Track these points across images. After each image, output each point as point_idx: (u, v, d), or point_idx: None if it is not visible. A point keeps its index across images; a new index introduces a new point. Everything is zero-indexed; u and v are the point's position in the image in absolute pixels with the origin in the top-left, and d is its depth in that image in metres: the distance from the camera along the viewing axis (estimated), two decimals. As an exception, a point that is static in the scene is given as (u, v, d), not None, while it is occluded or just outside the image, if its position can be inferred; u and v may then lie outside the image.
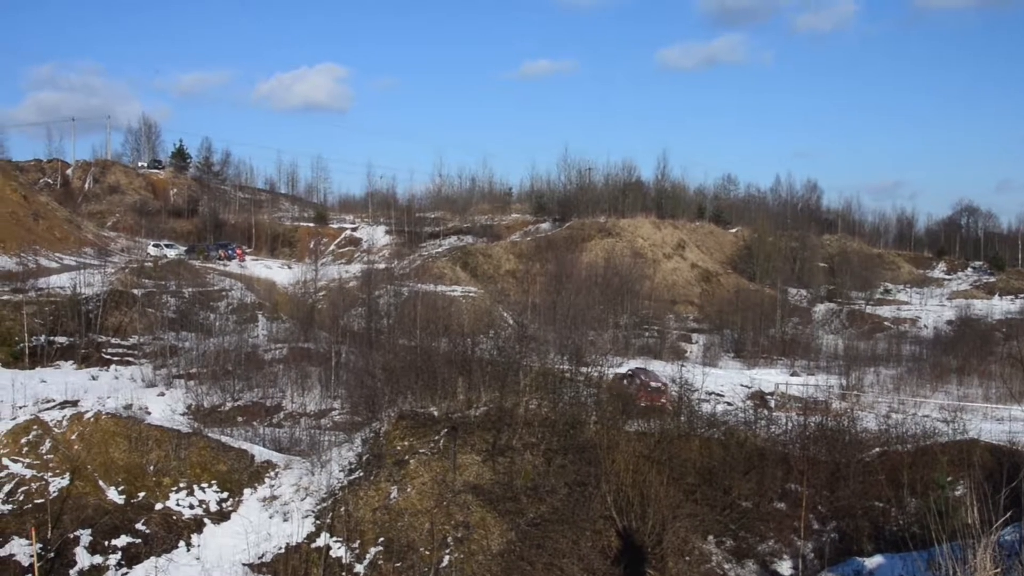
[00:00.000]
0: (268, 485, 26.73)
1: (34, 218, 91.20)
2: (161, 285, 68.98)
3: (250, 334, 62.61)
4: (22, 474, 25.97)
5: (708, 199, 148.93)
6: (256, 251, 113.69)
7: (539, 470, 24.62)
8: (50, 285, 64.49)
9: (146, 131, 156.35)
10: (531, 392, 27.84)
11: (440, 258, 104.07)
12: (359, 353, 51.78)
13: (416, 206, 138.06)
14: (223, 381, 48.42)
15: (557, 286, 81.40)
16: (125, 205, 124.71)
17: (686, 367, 44.60)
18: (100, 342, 57.73)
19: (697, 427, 28.13)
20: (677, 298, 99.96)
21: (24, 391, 44.20)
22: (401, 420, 26.98)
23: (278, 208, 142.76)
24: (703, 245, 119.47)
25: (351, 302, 71.79)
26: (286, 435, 37.89)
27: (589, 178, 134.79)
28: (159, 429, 28.04)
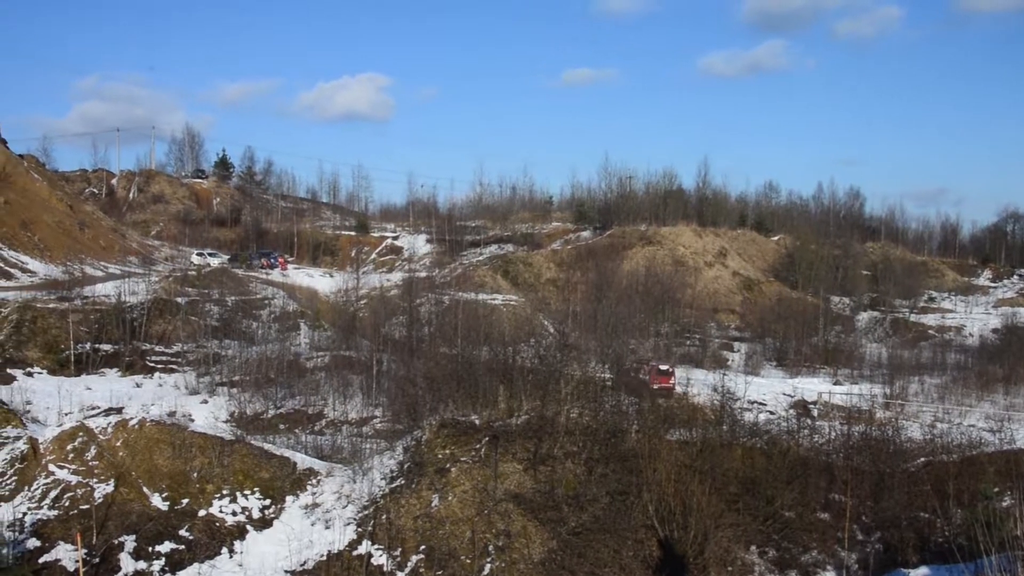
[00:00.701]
0: (310, 492, 26.85)
1: (80, 227, 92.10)
2: (204, 293, 69.41)
3: (292, 342, 62.85)
4: (68, 480, 26.24)
5: (750, 207, 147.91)
6: (298, 260, 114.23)
7: (580, 479, 24.58)
8: (95, 293, 65.06)
9: (189, 141, 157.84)
10: (572, 401, 27.80)
11: (481, 266, 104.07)
12: (400, 361, 51.86)
13: (457, 215, 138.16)
14: (265, 389, 48.60)
15: (598, 294, 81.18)
16: (169, 214, 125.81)
17: (728, 376, 44.39)
18: (144, 350, 58.14)
19: (739, 436, 27.99)
20: (719, 306, 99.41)
21: (70, 398, 44.58)
22: (442, 428, 27.04)
23: (320, 217, 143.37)
24: (745, 253, 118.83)
25: (392, 310, 71.95)
26: (328, 443, 37.96)
27: (630, 186, 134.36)
28: (202, 436, 28.25)
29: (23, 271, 73.67)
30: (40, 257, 78.24)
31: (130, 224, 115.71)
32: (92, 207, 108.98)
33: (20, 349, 53.78)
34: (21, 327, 55.50)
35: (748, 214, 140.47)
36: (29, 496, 25.87)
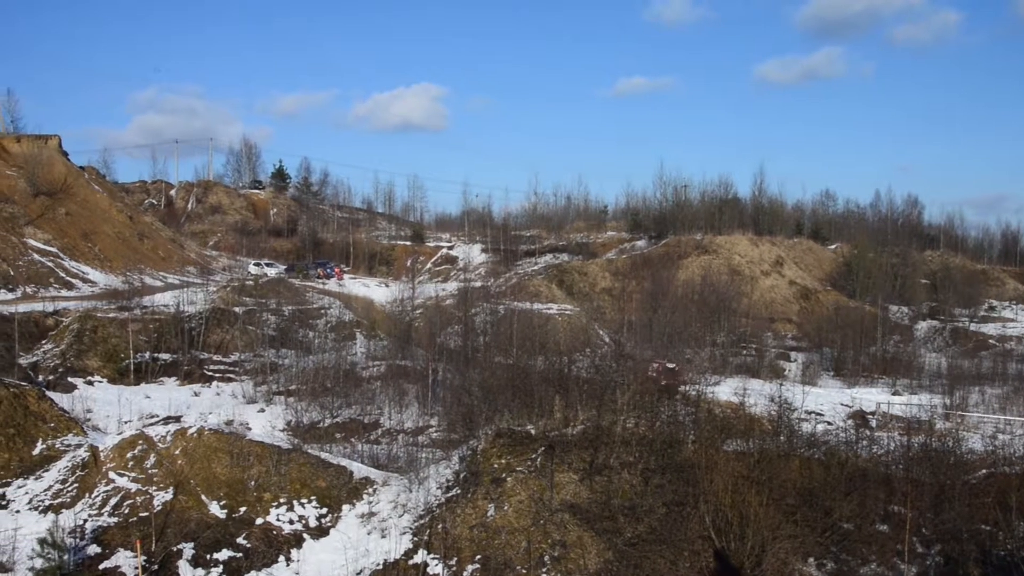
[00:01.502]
0: (366, 501, 26.94)
1: (139, 238, 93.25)
2: (261, 303, 69.94)
3: (348, 351, 63.12)
4: (128, 487, 26.52)
5: (806, 215, 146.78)
6: (354, 269, 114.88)
7: (636, 489, 24.47)
8: (154, 303, 65.82)
9: (247, 152, 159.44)
10: (628, 411, 27.68)
11: (536, 276, 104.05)
12: (456, 371, 51.93)
13: (512, 224, 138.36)
14: (322, 398, 48.79)
15: (653, 304, 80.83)
16: (226, 225, 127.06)
17: (785, 386, 44.01)
18: (202, 359, 58.70)
19: (797, 447, 27.72)
20: (775, 316, 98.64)
21: (129, 406, 45.08)
22: (498, 438, 27.03)
23: (375, 227, 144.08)
24: (801, 262, 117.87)
25: (448, 320, 72.10)
26: (384, 452, 38.08)
27: (685, 195, 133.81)
28: (260, 445, 28.45)
29: (84, 281, 74.69)
30: (101, 267, 79.31)
31: (188, 235, 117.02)
32: (151, 218, 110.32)
33: (81, 358, 54.45)
34: (82, 337, 56.21)
35: (804, 222, 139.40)
36: (90, 503, 26.17)
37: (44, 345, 56.16)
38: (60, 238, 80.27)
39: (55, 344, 55.95)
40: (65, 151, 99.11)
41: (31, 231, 78.05)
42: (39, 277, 71.91)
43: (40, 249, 76.24)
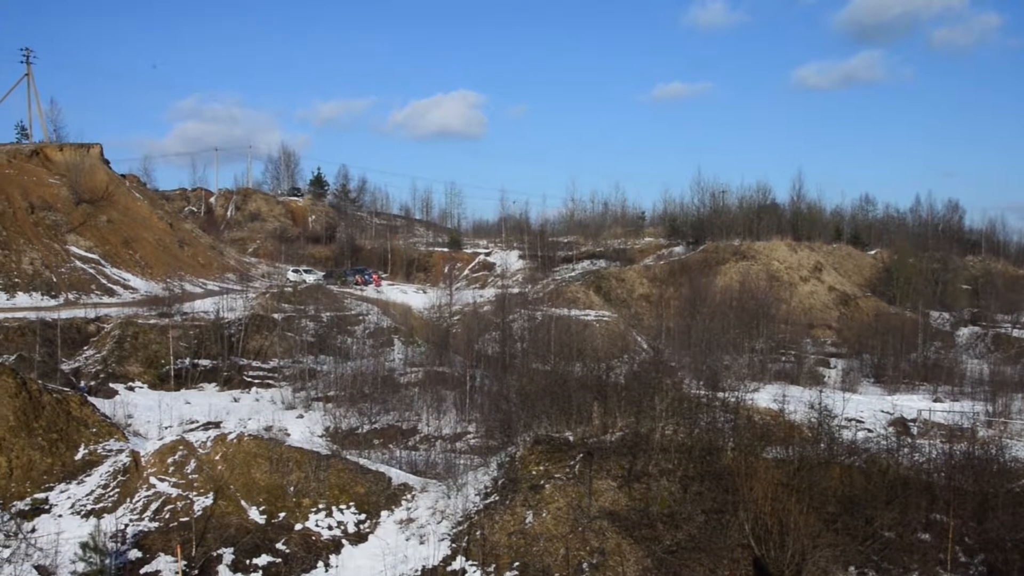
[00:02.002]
0: (405, 507, 26.99)
1: (179, 245, 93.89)
2: (300, 310, 70.23)
3: (386, 358, 63.27)
4: (168, 492, 26.70)
5: (845, 220, 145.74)
6: (392, 276, 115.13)
7: (675, 496, 24.38)
8: (194, 309, 66.25)
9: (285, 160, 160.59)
10: (667, 418, 27.59)
11: (573, 282, 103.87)
12: (494, 377, 51.93)
13: (549, 230, 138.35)
14: (360, 404, 48.94)
15: (691, 310, 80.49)
16: (265, 232, 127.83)
17: (825, 392, 43.71)
18: (242, 365, 59.03)
19: (837, 454, 27.52)
20: (814, 322, 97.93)
21: (170, 412, 45.41)
22: (536, 445, 27.01)
23: (413, 234, 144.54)
24: (841, 268, 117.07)
25: (485, 326, 72.06)
26: (422, 458, 38.13)
27: (723, 200, 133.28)
28: (299, 451, 28.57)
29: (125, 288, 75.31)
30: (141, 274, 79.93)
31: (228, 241, 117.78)
32: (191, 225, 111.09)
33: (122, 364, 54.94)
34: (123, 343, 56.70)
35: (844, 228, 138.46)
36: (131, 508, 26.36)
37: (86, 351, 56.68)
38: (102, 245, 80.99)
39: (97, 350, 56.46)
40: (107, 159, 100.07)
41: (73, 239, 78.82)
42: (81, 284, 72.61)
43: (82, 256, 76.97)
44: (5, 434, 28.71)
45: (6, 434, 28.73)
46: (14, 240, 72.72)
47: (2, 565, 23.41)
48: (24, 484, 27.85)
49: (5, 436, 28.67)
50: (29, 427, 29.44)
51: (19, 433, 29.02)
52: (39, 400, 30.62)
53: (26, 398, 30.13)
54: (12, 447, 28.58)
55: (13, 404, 29.54)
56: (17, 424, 29.14)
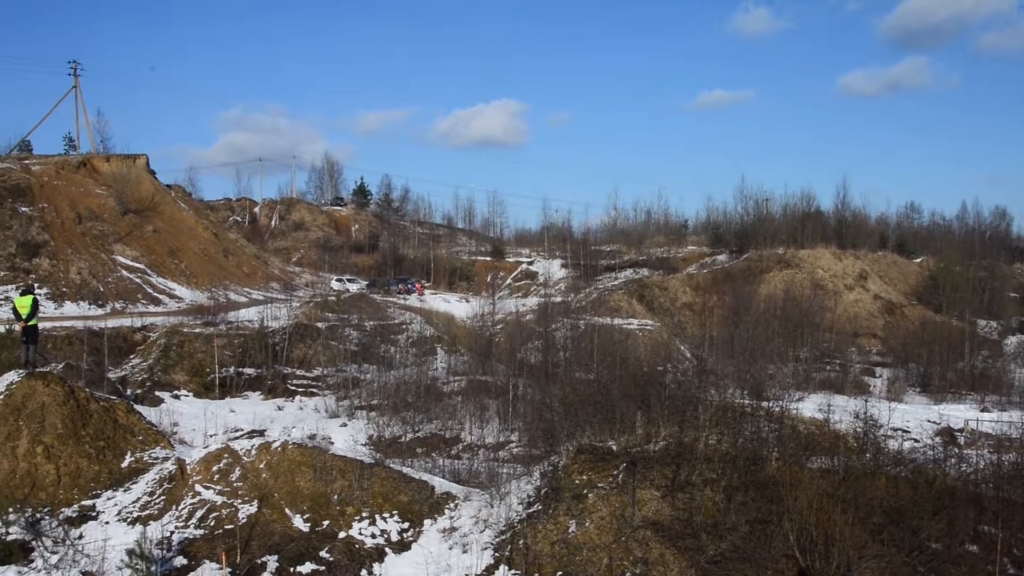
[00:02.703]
0: (448, 516, 26.99)
1: (224, 255, 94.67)
2: (344, 318, 70.53)
3: (429, 366, 63.39)
4: (213, 500, 26.86)
5: (890, 228, 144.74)
6: (435, 285, 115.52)
7: (719, 506, 24.25)
8: (239, 318, 66.76)
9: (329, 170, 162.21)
10: (711, 427, 27.46)
11: (616, 291, 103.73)
12: (536, 386, 51.90)
13: (591, 239, 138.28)
14: (403, 413, 49.05)
15: (735, 319, 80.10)
16: (309, 241, 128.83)
17: (870, 402, 43.37)
18: (286, 373, 59.36)
19: (883, 465, 27.26)
20: (859, 330, 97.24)
21: (214, 420, 45.71)
22: (579, 454, 26.96)
23: (455, 243, 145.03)
24: (886, 276, 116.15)
25: (528, 335, 72.07)
26: (465, 467, 38.14)
27: (767, 208, 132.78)
28: (343, 459, 28.65)
29: (171, 297, 76.05)
30: (187, 283, 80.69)
31: (272, 251, 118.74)
32: (236, 235, 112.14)
33: (168, 372, 55.43)
34: (168, 351, 57.21)
35: (889, 236, 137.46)
36: (176, 515, 26.53)
37: (132, 359, 57.26)
38: (148, 255, 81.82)
39: (143, 358, 57.00)
40: (152, 170, 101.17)
41: (120, 248, 79.67)
42: (127, 293, 73.36)
43: (128, 266, 77.77)
44: (53, 441, 29.01)
45: (54, 441, 29.02)
46: (62, 250, 73.62)
47: (51, 571, 23.66)
48: (72, 491, 28.11)
49: (53, 443, 28.96)
50: (77, 435, 29.72)
51: (67, 440, 29.30)
52: (87, 408, 30.91)
53: (74, 406, 30.42)
54: (60, 454, 28.87)
55: (61, 412, 29.84)
56: (65, 432, 29.43)
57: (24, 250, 70.99)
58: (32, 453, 28.56)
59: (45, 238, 73.95)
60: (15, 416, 29.30)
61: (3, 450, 28.47)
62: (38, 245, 72.54)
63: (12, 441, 28.69)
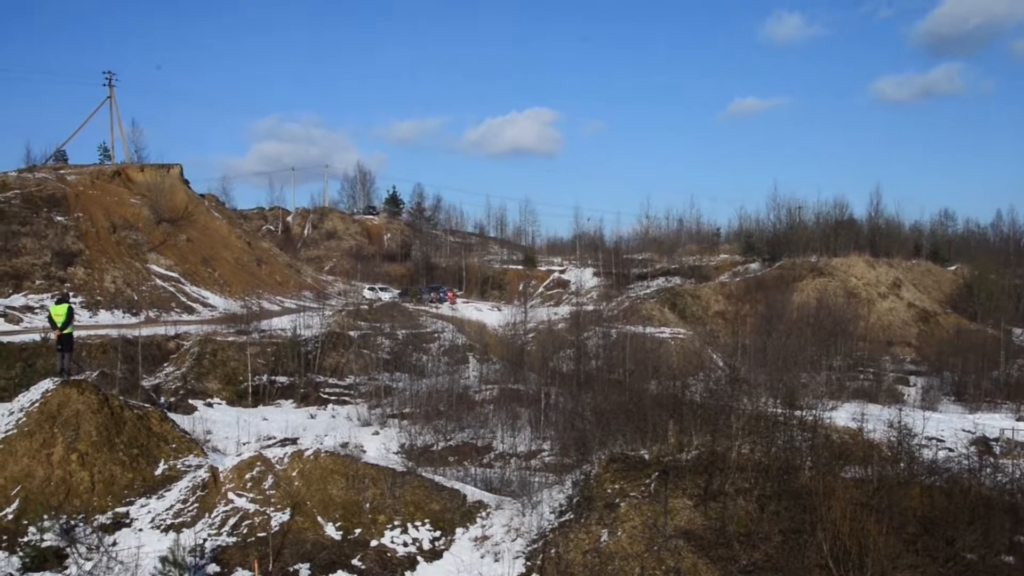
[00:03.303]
0: (479, 525, 26.97)
1: (257, 263, 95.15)
2: (376, 327, 70.68)
3: (461, 375, 63.42)
4: (246, 508, 26.95)
5: (924, 236, 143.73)
6: (466, 294, 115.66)
7: (752, 516, 24.12)
8: (272, 327, 67.08)
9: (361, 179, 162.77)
10: (743, 436, 27.33)
11: (648, 299, 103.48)
12: (568, 395, 51.83)
13: (623, 247, 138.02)
14: (435, 421, 49.12)
15: (768, 327, 79.74)
16: (341, 250, 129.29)
17: (904, 411, 43.07)
18: (318, 382, 59.55)
19: (917, 474, 27.03)
20: (893, 339, 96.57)
21: (247, 428, 45.94)
22: (611, 463, 26.88)
23: (487, 251, 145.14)
24: (920, 284, 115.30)
25: (560, 344, 72.01)
26: (497, 476, 38.14)
27: (799, 216, 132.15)
28: (375, 468, 28.68)
29: (204, 305, 76.46)
30: (220, 292, 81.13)
31: (304, 260, 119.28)
32: (269, 244, 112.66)
33: (201, 381, 55.76)
34: (202, 359, 57.54)
35: (923, 243, 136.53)
36: (209, 523, 26.64)
37: (166, 367, 57.61)
38: (181, 264, 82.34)
39: (176, 367, 57.34)
40: (186, 179, 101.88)
41: (154, 257, 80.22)
42: (161, 302, 73.85)
43: (162, 275, 78.30)
44: (88, 449, 29.21)
45: (89, 449, 29.22)
46: (97, 259, 74.18)
47: (85, 578, 23.84)
48: (106, 498, 28.29)
49: (88, 451, 29.17)
50: (111, 442, 29.92)
51: (101, 448, 29.50)
52: (121, 416, 31.11)
53: (108, 414, 30.63)
54: (95, 462, 29.06)
55: (96, 420, 30.04)
56: (99, 439, 29.63)
57: (60, 259, 71.58)
58: (67, 460, 28.78)
59: (80, 247, 74.55)
60: (50, 424, 29.54)
61: (38, 457, 28.71)
62: (73, 254, 73.13)
63: (47, 448, 28.93)
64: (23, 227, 73.42)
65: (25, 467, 28.54)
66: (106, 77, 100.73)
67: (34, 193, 79.09)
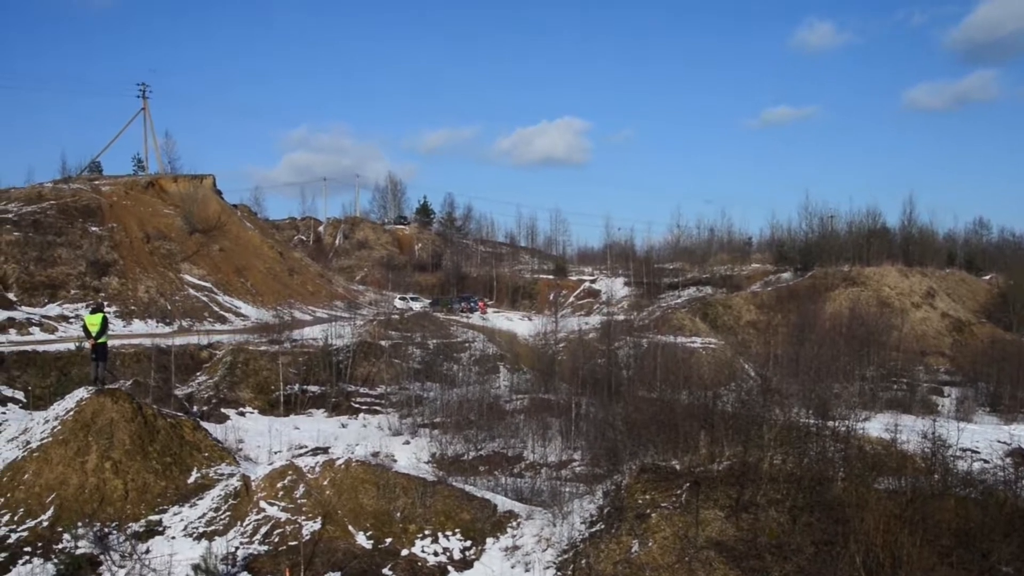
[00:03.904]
0: (510, 535, 26.95)
1: (289, 273, 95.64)
2: (407, 337, 70.84)
3: (492, 385, 63.42)
4: (278, 517, 27.07)
5: (958, 245, 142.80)
6: (497, 303, 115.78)
7: (784, 527, 23.99)
8: (304, 336, 67.33)
9: (392, 189, 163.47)
10: (775, 447, 27.20)
11: (679, 309, 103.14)
12: (599, 405, 51.72)
13: (654, 257, 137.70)
14: (466, 431, 49.11)
15: (800, 337, 79.30)
16: (373, 260, 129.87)
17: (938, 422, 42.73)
18: (349, 391, 59.71)
19: (952, 486, 26.79)
20: (927, 349, 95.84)
21: (279, 437, 46.08)
22: (642, 473, 26.82)
23: (518, 261, 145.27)
24: (954, 293, 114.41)
25: (591, 354, 71.87)
26: (527, 485, 38.07)
27: (831, 225, 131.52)
28: (406, 477, 28.75)
29: (236, 315, 76.90)
30: (252, 302, 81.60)
31: (336, 270, 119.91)
32: (300, 254, 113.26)
33: (233, 390, 56.03)
34: (234, 369, 57.82)
35: (957, 252, 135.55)
36: (241, 531, 26.76)
37: (199, 377, 57.94)
38: (214, 274, 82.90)
39: (209, 376, 57.66)
40: (219, 190, 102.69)
41: (187, 267, 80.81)
42: (194, 311, 74.35)
43: (195, 284, 78.85)
44: (122, 457, 29.43)
45: (122, 457, 29.45)
46: (131, 269, 74.81)
47: (118, 586, 24.00)
48: (139, 506, 28.49)
49: (122, 459, 29.39)
50: (144, 451, 30.14)
51: (135, 456, 29.72)
52: (154, 424, 31.35)
53: (141, 422, 30.87)
54: (128, 470, 29.28)
55: (129, 428, 30.28)
56: (133, 448, 29.86)
57: (94, 269, 72.20)
58: (101, 468, 29.00)
59: (114, 257, 75.18)
60: (85, 432, 29.79)
61: (73, 465, 28.95)
62: (108, 264, 73.76)
63: (81, 456, 29.16)
64: (59, 237, 74.17)
65: (60, 475, 28.79)
66: (140, 89, 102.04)
67: (69, 204, 79.87)
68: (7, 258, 69.05)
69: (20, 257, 69.65)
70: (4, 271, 67.87)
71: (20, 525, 27.28)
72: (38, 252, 70.77)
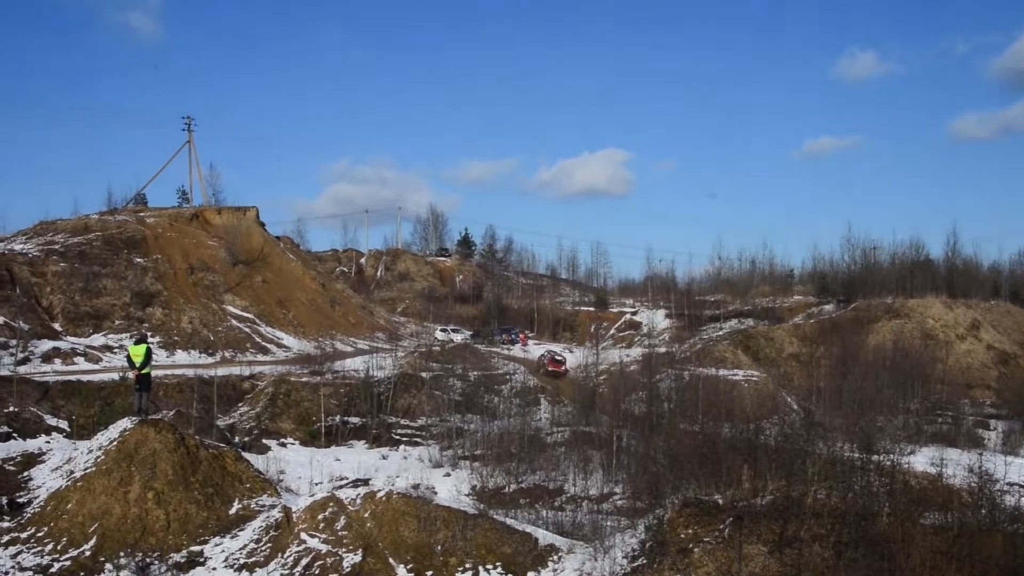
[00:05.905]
0: (551, 569, 26.85)
1: (331, 305, 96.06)
2: (448, 368, 70.79)
3: (533, 417, 63.22)
4: (318, 549, 27.10)
5: (1003, 276, 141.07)
6: (538, 335, 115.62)
7: (828, 563, 23.73)
8: (345, 368, 67.53)
9: (433, 221, 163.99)
10: (819, 481, 26.95)
11: (721, 341, 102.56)
12: (640, 438, 51.46)
13: (695, 289, 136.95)
14: (507, 463, 48.96)
15: (843, 370, 78.61)
16: (414, 292, 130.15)
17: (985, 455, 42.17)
18: (390, 423, 59.71)
19: (1000, 521, 26.42)
20: (972, 382, 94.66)
21: (320, 469, 46.16)
22: (685, 507, 26.65)
23: (559, 293, 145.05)
24: (999, 325, 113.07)
25: (632, 386, 71.53)
26: (568, 519, 37.91)
27: (875, 257, 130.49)
28: (446, 510, 28.72)
29: (278, 346, 77.25)
30: (294, 333, 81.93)
31: (377, 301, 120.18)
32: (342, 285, 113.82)
33: (275, 421, 56.22)
34: (276, 400, 58.03)
35: (1002, 284, 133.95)
36: (282, 563, 26.82)
37: (241, 407, 58.17)
38: (257, 305, 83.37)
39: (251, 407, 57.88)
40: (262, 222, 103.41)
41: (230, 298, 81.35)
42: (237, 342, 74.76)
43: (238, 315, 79.31)
44: (164, 488, 29.62)
45: (165, 488, 29.63)
46: (174, 300, 75.41)
47: (160, 617, 24.07)
48: (181, 536, 28.64)
49: (164, 490, 29.58)
50: (187, 481, 30.31)
51: (177, 487, 29.90)
52: (196, 455, 31.54)
53: (184, 453, 31.07)
54: (170, 500, 29.46)
55: (172, 459, 30.48)
56: (175, 478, 30.04)
57: (138, 300, 72.87)
58: (143, 499, 29.18)
59: (158, 288, 75.86)
60: (128, 462, 30.01)
61: (115, 495, 29.14)
62: (152, 295, 74.42)
63: (124, 486, 29.36)
64: (104, 268, 74.92)
65: (103, 504, 28.98)
66: (185, 122, 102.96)
67: (115, 235, 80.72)
68: (53, 288, 69.86)
69: (66, 288, 70.45)
70: (50, 301, 68.68)
71: (63, 554, 27.48)
72: (84, 283, 71.54)
